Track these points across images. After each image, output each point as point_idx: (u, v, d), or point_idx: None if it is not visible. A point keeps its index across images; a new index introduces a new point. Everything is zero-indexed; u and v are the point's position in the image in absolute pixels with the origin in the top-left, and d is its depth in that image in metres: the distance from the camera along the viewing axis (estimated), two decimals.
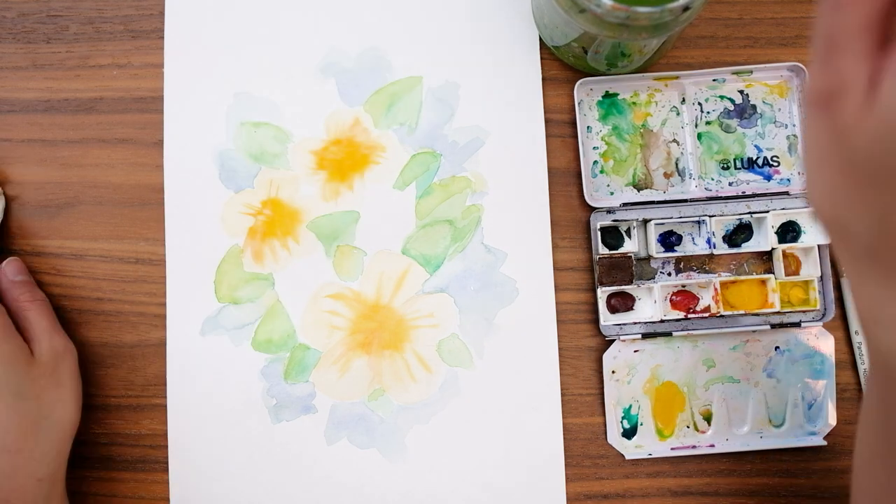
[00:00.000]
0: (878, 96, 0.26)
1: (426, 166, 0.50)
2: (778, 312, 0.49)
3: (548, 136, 0.51)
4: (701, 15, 0.51)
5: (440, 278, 0.50)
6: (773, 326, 0.49)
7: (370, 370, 0.49)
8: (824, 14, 0.28)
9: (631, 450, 0.49)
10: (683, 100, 0.50)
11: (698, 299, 0.49)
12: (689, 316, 0.49)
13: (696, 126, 0.50)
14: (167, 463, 0.49)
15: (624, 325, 0.49)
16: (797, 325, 0.49)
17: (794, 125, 0.50)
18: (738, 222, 0.50)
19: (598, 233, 0.49)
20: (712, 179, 0.50)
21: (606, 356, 0.49)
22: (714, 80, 0.50)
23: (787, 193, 0.49)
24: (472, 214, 0.50)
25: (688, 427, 0.49)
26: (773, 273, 0.49)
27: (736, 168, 0.50)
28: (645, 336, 0.49)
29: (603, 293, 0.49)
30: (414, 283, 0.50)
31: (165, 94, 0.51)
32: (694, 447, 0.49)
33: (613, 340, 0.49)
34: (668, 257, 0.49)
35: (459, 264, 0.50)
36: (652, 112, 0.51)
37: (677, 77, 0.50)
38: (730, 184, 0.50)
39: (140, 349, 0.50)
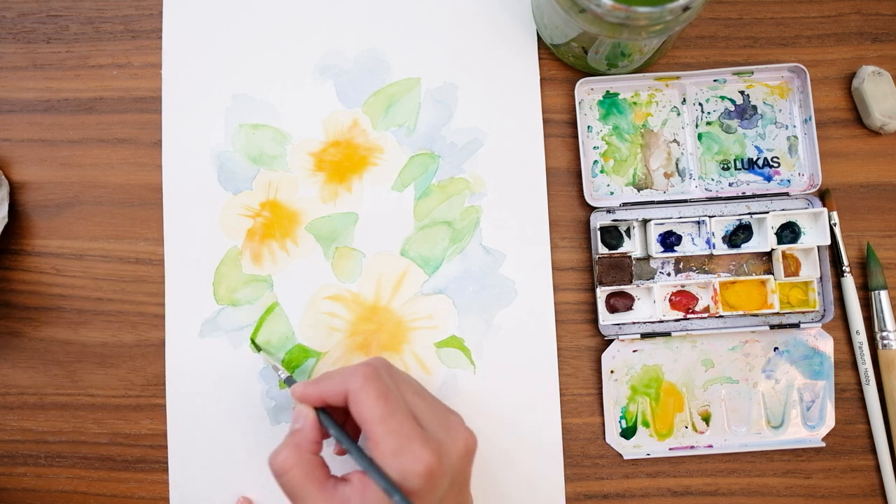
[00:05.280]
0: None
1: (425, 167, 0.50)
2: (777, 313, 0.49)
3: (548, 136, 0.51)
4: (701, 15, 0.51)
5: (439, 279, 0.50)
6: (773, 327, 0.49)
7: None
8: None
9: (629, 450, 0.49)
10: (684, 100, 0.50)
11: (697, 299, 0.49)
12: (689, 316, 0.49)
13: (697, 126, 0.50)
14: (167, 463, 0.49)
15: (623, 324, 0.49)
16: (796, 325, 0.49)
17: (794, 126, 0.50)
18: (737, 223, 0.49)
19: (598, 233, 0.49)
20: (712, 180, 0.50)
21: (605, 356, 0.49)
22: (715, 81, 0.50)
23: (787, 194, 0.49)
24: (471, 215, 0.50)
25: (686, 427, 0.49)
26: (773, 274, 0.49)
27: (736, 169, 0.50)
28: (644, 336, 0.49)
29: (602, 293, 0.49)
30: (413, 284, 0.50)
31: (164, 96, 0.51)
32: (692, 447, 0.49)
33: (612, 340, 0.49)
34: (667, 257, 0.49)
35: (458, 265, 0.50)
36: (652, 112, 0.50)
37: (678, 77, 0.50)
38: (730, 184, 0.50)
39: (140, 349, 0.50)
